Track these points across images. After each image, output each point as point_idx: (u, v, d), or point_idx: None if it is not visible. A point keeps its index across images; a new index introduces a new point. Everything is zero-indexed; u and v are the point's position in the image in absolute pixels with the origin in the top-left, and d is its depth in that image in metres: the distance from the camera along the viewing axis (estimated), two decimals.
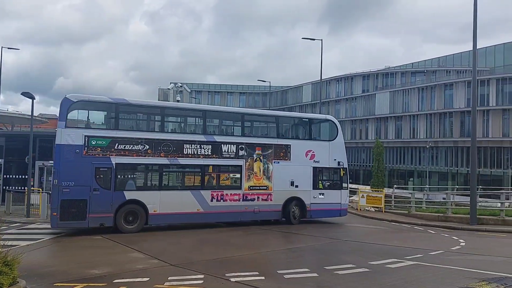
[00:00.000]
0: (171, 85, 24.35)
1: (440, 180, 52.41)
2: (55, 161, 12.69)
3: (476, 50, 17.56)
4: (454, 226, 17.02)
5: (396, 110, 59.54)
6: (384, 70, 65.39)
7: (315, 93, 72.13)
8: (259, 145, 15.68)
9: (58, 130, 12.59)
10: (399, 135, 59.31)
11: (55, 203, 12.38)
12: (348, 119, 66.57)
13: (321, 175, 17.25)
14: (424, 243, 12.84)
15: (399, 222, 18.78)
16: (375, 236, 14.44)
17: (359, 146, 64.48)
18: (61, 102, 12.82)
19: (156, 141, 13.81)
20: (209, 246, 11.38)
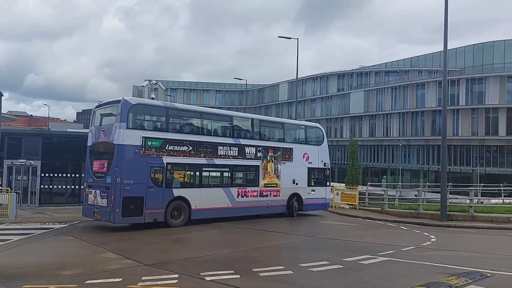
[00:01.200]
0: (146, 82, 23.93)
1: (412, 178, 53.64)
2: (117, 161, 13.24)
3: (446, 51, 18.04)
4: (426, 223, 17.41)
5: (370, 109, 60.53)
6: (358, 70, 66.37)
7: (291, 92, 72.54)
8: (272, 148, 18.02)
9: (119, 131, 13.30)
10: (373, 134, 60.31)
11: (117, 200, 13.11)
12: (324, 117, 67.24)
13: (313, 174, 19.94)
14: (396, 239, 13.07)
15: (372, 219, 19.08)
16: (349, 233, 14.64)
17: (334, 144, 65.25)
18: (121, 104, 13.52)
19: (198, 143, 15.29)
20: (185, 245, 11.28)
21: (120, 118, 13.40)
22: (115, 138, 13.35)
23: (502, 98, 48.43)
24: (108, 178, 13.38)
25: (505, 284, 7.02)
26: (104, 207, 13.37)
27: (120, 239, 12.24)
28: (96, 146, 14.49)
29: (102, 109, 14.93)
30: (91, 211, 13.97)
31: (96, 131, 14.60)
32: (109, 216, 13.19)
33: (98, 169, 13.95)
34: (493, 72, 49.93)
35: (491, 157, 48.92)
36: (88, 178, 14.43)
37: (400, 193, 27.46)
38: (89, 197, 14.08)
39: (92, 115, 14.94)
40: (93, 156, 14.48)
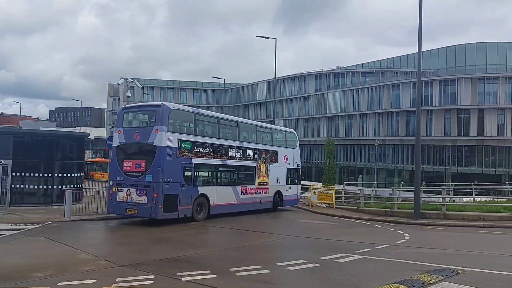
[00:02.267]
0: (121, 80, 23.49)
1: (387, 177, 54.63)
2: (159, 161, 14.62)
3: (421, 53, 18.45)
4: (400, 221, 17.75)
5: (346, 109, 61.30)
6: (335, 70, 67.12)
7: (269, 92, 72.73)
8: (264, 151, 20.12)
9: (160, 133, 14.64)
10: (349, 133, 61.09)
11: (160, 197, 14.41)
12: (301, 117, 67.72)
13: (290, 174, 22.44)
14: (371, 238, 13.29)
15: (348, 218, 19.35)
16: (326, 232, 14.77)
17: (312, 144, 65.79)
18: (162, 109, 14.91)
19: (215, 146, 16.95)
20: (161, 245, 11.16)
21: (162, 121, 14.78)
22: (156, 140, 14.70)
23: (474, 99, 49.91)
24: (148, 177, 14.63)
25: (475, 280, 7.23)
26: (143, 204, 14.55)
27: (95, 239, 12.02)
28: (128, 146, 15.52)
29: (132, 111, 16.42)
30: (123, 208, 14.93)
31: (126, 132, 15.56)
32: (151, 212, 14.42)
33: (132, 168, 15.06)
34: (465, 74, 51.34)
35: (463, 156, 50.35)
36: (115, 176, 15.27)
37: (375, 192, 27.90)
38: (118, 194, 15.06)
39: (119, 116, 15.95)
40: (123, 155, 15.44)
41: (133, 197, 14.76)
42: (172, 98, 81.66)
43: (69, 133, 23.06)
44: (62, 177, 19.09)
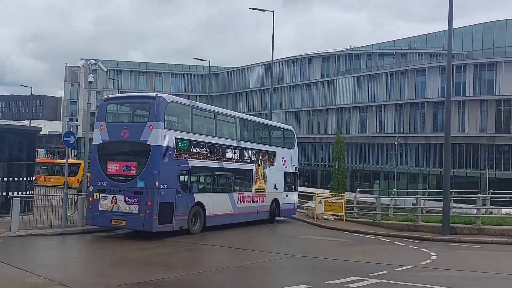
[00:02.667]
0: (82, 62, 23.32)
1: (409, 183, 54.86)
2: (154, 163, 14.76)
3: (451, 31, 18.47)
4: (425, 237, 17.84)
5: (360, 99, 61.44)
6: (347, 51, 67.20)
7: (265, 77, 72.75)
8: (262, 151, 20.37)
9: (156, 131, 14.73)
10: (363, 129, 61.22)
11: (155, 206, 14.49)
12: (305, 109, 67.82)
13: (288, 179, 22.66)
14: (390, 257, 13.32)
15: (362, 233, 19.38)
16: (334, 250, 14.83)
17: (317, 142, 65.91)
18: (157, 101, 15.01)
19: (212, 145, 17.16)
20: (130, 266, 11.12)
21: (157, 116, 14.88)
22: (150, 138, 14.80)
23: None
24: (139, 182, 14.75)
25: None
26: (134, 213, 14.66)
27: (49, 259, 11.94)
28: (113, 145, 15.68)
29: (118, 103, 16.76)
30: (107, 218, 15.06)
31: (110, 128, 15.56)
32: (144, 223, 14.55)
33: (119, 172, 15.13)
34: (506, 57, 51.42)
35: (502, 158, 50.49)
36: (97, 181, 15.37)
37: (395, 202, 27.97)
38: (101, 202, 15.11)
39: (100, 108, 15.88)
40: (106, 156, 15.52)
41: (121, 206, 14.87)
42: (145, 84, 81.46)
43: (17, 127, 22.86)
44: (7, 182, 18.92)
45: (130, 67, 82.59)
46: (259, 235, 18.70)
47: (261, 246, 15.16)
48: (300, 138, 67.79)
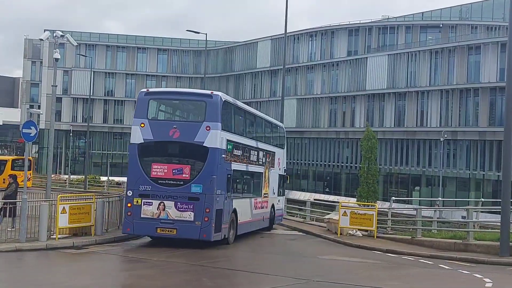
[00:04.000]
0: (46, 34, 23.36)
1: (458, 190, 54.70)
2: (212, 167, 17.02)
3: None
4: (478, 259, 17.76)
5: (397, 84, 61.25)
6: (380, 23, 66.94)
7: (276, 55, 72.67)
8: (268, 152, 22.34)
9: (213, 132, 16.88)
10: (400, 122, 61.04)
11: (212, 213, 16.81)
12: (326, 95, 67.71)
13: (281, 182, 24.81)
14: (432, 284, 13.36)
15: (397, 253, 19.38)
16: (362, 274, 14.84)
17: (341, 137, 65.82)
18: (215, 100, 17.29)
19: (244, 147, 19.39)
20: None
21: (215, 116, 17.06)
22: (207, 140, 16.91)
23: None
24: (195, 187, 16.79)
25: None
26: (188, 221, 16.75)
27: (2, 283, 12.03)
28: (159, 145, 17.61)
29: (165, 98, 19.06)
30: (152, 226, 16.90)
31: (154, 126, 17.32)
32: (200, 232, 16.69)
33: (168, 175, 17.02)
34: None
35: None
36: (138, 185, 17.09)
37: (440, 214, 27.92)
38: (144, 209, 16.91)
39: (142, 103, 17.61)
40: (150, 157, 17.40)
41: (170, 213, 16.80)
42: (125, 62, 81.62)
43: None
44: None
45: (106, 40, 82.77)
46: (264, 252, 18.92)
47: (272, 268, 15.27)
48: (320, 132, 68.27)
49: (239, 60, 79.82)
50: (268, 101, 73.16)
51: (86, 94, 69.50)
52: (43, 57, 79.18)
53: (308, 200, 33.36)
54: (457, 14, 64.13)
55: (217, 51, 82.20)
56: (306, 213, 29.69)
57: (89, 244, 17.52)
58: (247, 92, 76.87)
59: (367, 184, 51.24)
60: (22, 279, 12.70)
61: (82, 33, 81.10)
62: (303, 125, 69.03)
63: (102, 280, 12.86)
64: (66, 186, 53.03)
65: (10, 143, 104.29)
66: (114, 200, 21.56)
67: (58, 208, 17.35)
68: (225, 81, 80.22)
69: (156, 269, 14.58)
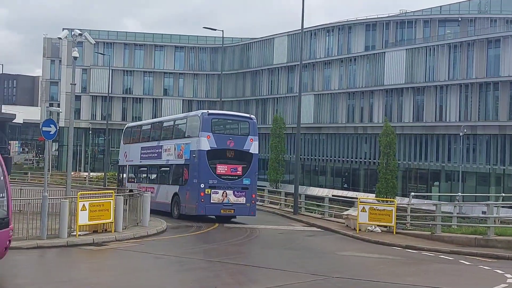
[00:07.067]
0: (65, 33, 23.57)
1: (478, 185, 54.19)
2: (255, 166, 25.50)
3: None
4: (499, 254, 17.65)
5: (415, 78, 60.82)
6: (398, 17, 66.51)
7: (293, 51, 72.49)
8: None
9: (255, 143, 25.40)
10: (419, 117, 60.65)
11: (256, 198, 26.39)
12: (344, 91, 67.45)
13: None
14: (452, 280, 13.29)
15: (417, 249, 19.34)
16: (381, 270, 14.82)
17: (360, 133, 65.55)
18: (253, 121, 25.94)
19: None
20: None
21: (254, 132, 25.64)
22: (251, 148, 25.20)
23: None
24: (245, 180, 24.84)
25: None
26: (242, 204, 24.61)
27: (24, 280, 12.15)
28: (221, 151, 24.80)
29: (221, 118, 27.11)
30: (218, 209, 24.26)
31: (216, 138, 24.53)
32: (249, 210, 25.02)
33: (228, 172, 24.64)
34: None
35: None
36: (207, 179, 24.01)
37: (460, 209, 27.75)
38: (212, 197, 24.01)
39: (206, 121, 24.63)
40: (215, 160, 24.52)
41: (230, 199, 24.32)
42: (142, 60, 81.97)
43: None
44: None
45: (124, 38, 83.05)
46: (287, 249, 18.87)
47: (290, 264, 15.28)
48: (338, 127, 68.02)
49: (255, 57, 79.66)
50: (285, 97, 73.02)
51: (105, 92, 69.91)
52: (62, 56, 79.76)
53: (326, 196, 33.25)
54: (476, 7, 63.42)
55: (234, 48, 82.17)
56: (325, 209, 29.71)
57: (109, 241, 17.72)
58: (264, 88, 76.75)
59: (385, 179, 51.18)
60: (44, 275, 12.85)
61: (100, 31, 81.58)
62: (320, 121, 68.84)
63: (122, 276, 12.99)
64: (86, 183, 53.46)
65: (31, 141, 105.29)
66: (134, 197, 21.76)
67: (78, 205, 17.53)
68: (242, 77, 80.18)
69: (176, 265, 14.71)
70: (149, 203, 21.89)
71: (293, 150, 59.06)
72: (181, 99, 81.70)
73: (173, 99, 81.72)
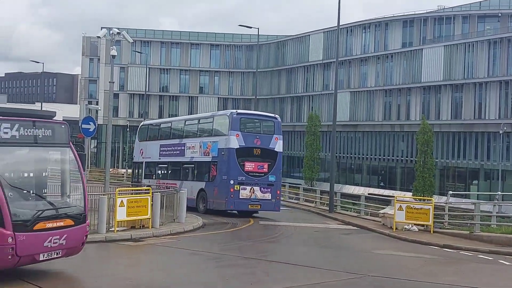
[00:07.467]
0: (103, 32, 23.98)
1: None
2: (280, 164, 26.62)
3: None
4: None
5: (453, 75, 60.09)
6: (436, 13, 65.72)
7: (329, 48, 72.26)
8: None
9: (279, 141, 26.35)
10: (457, 114, 59.95)
11: (280, 193, 27.45)
12: (380, 88, 66.99)
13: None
14: (491, 280, 13.19)
15: (455, 248, 19.16)
16: (418, 270, 14.74)
17: (396, 131, 65.06)
18: (278, 120, 27.39)
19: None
20: None
21: (279, 131, 26.71)
22: (276, 146, 26.19)
23: None
24: (271, 177, 25.85)
25: None
26: (268, 199, 25.65)
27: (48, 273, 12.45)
28: (248, 149, 25.62)
29: (249, 118, 27.75)
30: (246, 204, 25.30)
31: (244, 137, 25.48)
32: (274, 206, 26.01)
33: (255, 170, 25.52)
34: None
35: None
36: (237, 176, 25.07)
37: (499, 208, 27.34)
38: (241, 192, 25.11)
39: (235, 120, 25.53)
40: (243, 157, 25.41)
41: (257, 194, 25.37)
42: (179, 58, 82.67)
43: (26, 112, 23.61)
44: None
45: (161, 37, 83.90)
46: (322, 247, 18.91)
47: (325, 262, 15.31)
48: (374, 125, 67.56)
49: (291, 54, 79.58)
50: (320, 94, 72.83)
51: (142, 90, 70.81)
52: (100, 54, 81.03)
53: (362, 195, 33.13)
54: None
55: (269, 45, 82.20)
56: (361, 208, 29.61)
57: (146, 236, 18.00)
58: (299, 86, 76.63)
59: (423, 178, 50.61)
60: (84, 270, 13.11)
61: (138, 30, 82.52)
62: (356, 119, 68.47)
63: (160, 272, 13.18)
64: (124, 180, 54.22)
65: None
66: (170, 194, 22.01)
67: (116, 201, 17.85)
68: (277, 75, 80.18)
69: (212, 261, 14.85)
70: (186, 200, 22.17)
71: (329, 148, 58.74)
72: (217, 97, 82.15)
73: (208, 97, 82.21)
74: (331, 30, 69.16)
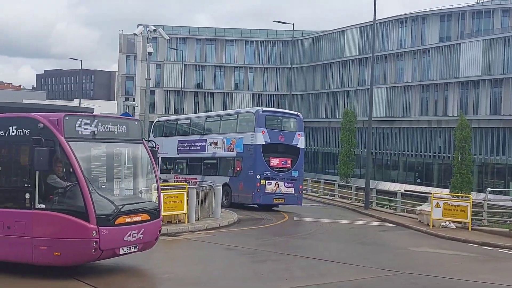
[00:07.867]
0: (139, 29, 24.26)
1: None
2: (302, 160, 27.57)
3: None
4: None
5: (492, 71, 59.15)
6: (475, 7, 64.70)
7: (364, 43, 71.71)
8: None
9: (302, 138, 27.31)
10: (496, 110, 59.04)
11: (302, 188, 28.37)
12: (417, 83, 66.32)
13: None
14: None
15: (494, 246, 18.94)
16: (455, 267, 14.61)
17: (433, 126, 64.35)
18: (300, 117, 28.37)
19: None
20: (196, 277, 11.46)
21: (301, 128, 27.74)
22: (299, 143, 27.11)
23: None
24: (294, 172, 26.77)
25: None
26: (291, 194, 26.58)
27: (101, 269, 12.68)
28: (273, 146, 26.42)
29: (274, 115, 28.66)
30: (271, 198, 26.14)
31: (270, 133, 26.23)
32: (297, 200, 27.00)
33: (279, 165, 26.44)
34: None
35: None
36: (263, 171, 25.87)
37: None
38: (267, 187, 25.88)
39: (261, 117, 26.37)
40: (268, 153, 26.16)
41: (282, 189, 26.26)
42: (214, 54, 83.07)
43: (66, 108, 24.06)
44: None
45: (196, 33, 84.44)
46: (358, 243, 18.90)
47: (361, 259, 15.26)
48: (411, 121, 66.91)
49: (326, 49, 79.23)
50: (356, 90, 72.40)
51: (178, 87, 71.39)
52: (137, 51, 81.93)
53: (398, 191, 32.81)
54: None
55: (304, 41, 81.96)
56: (397, 204, 29.38)
57: (182, 231, 18.21)
58: (335, 81, 76.24)
59: (460, 174, 49.91)
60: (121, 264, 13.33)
61: (173, 27, 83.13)
62: (393, 114, 67.87)
63: (196, 266, 13.35)
64: None
65: None
66: (206, 190, 22.21)
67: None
68: (312, 71, 79.92)
69: (247, 257, 14.97)
70: (220, 195, 22.43)
71: (364, 144, 58.40)
72: (251, 93, 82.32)
73: (243, 93, 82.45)
74: (367, 25, 68.61)
